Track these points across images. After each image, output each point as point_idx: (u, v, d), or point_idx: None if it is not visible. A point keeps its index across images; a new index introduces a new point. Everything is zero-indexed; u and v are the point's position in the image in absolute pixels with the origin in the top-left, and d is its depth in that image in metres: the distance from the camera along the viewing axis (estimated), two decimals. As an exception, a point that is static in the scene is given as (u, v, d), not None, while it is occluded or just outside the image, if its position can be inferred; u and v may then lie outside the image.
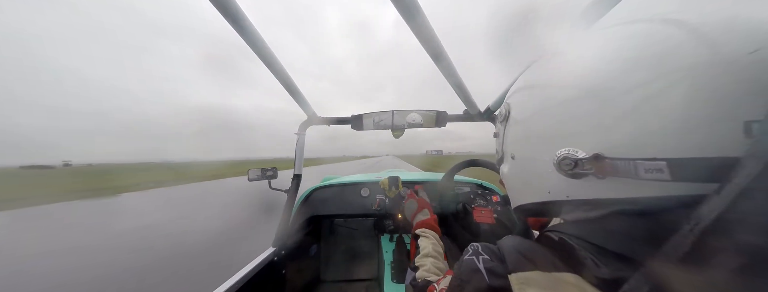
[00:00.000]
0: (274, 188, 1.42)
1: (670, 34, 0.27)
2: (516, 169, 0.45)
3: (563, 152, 0.33)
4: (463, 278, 0.37)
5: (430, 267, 0.74)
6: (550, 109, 0.36)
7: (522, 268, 0.32)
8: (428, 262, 0.76)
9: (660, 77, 0.27)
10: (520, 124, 0.42)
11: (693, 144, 0.25)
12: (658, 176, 0.26)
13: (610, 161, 0.29)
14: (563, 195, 0.35)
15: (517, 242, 0.38)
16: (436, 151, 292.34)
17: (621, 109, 0.29)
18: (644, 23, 0.30)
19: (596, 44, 0.34)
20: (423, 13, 0.69)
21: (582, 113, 0.32)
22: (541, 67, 0.41)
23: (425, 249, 0.82)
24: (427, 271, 0.73)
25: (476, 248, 0.40)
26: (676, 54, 0.26)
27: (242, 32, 0.78)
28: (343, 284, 2.04)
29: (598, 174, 0.30)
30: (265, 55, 0.90)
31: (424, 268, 0.74)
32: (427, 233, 0.91)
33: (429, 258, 0.78)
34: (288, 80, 1.08)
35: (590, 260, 0.29)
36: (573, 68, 0.35)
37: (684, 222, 0.22)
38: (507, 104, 0.46)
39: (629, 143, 0.28)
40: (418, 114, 1.30)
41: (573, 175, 0.32)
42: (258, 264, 1.26)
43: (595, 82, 0.31)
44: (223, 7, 0.69)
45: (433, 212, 1.05)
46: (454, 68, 0.96)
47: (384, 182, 1.46)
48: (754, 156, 0.21)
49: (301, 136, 1.43)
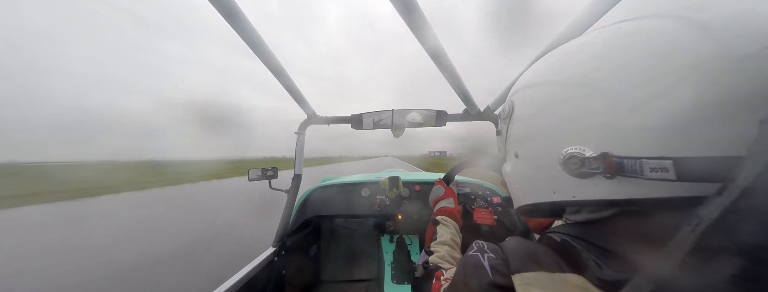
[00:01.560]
0: (274, 188, 1.41)
1: (677, 30, 0.27)
2: (519, 168, 0.44)
3: (570, 150, 0.32)
4: (467, 273, 0.37)
5: (444, 255, 0.75)
6: (555, 106, 0.36)
7: (526, 268, 0.32)
8: (444, 250, 0.77)
9: (667, 74, 0.26)
10: (523, 121, 0.42)
11: (699, 143, 0.25)
12: (664, 175, 0.26)
13: (617, 159, 0.29)
14: (569, 195, 0.35)
15: (520, 243, 0.38)
16: (440, 151, 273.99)
17: (628, 107, 0.28)
18: (651, 19, 0.30)
19: (603, 40, 0.33)
20: (423, 13, 0.69)
21: (588, 111, 0.31)
22: (545, 64, 0.41)
23: (443, 237, 0.82)
24: (441, 258, 0.74)
25: (481, 246, 0.40)
26: (684, 50, 0.26)
27: (242, 32, 0.78)
28: (343, 285, 2.03)
29: (606, 173, 0.30)
30: (264, 55, 0.90)
31: (439, 254, 0.75)
32: (448, 221, 0.91)
33: (445, 246, 0.79)
34: (287, 80, 1.08)
35: (593, 262, 0.29)
36: (579, 65, 0.34)
37: (686, 223, 0.22)
38: (510, 102, 0.45)
39: (636, 141, 0.28)
40: (418, 113, 1.29)
41: (580, 174, 0.32)
42: (258, 264, 1.26)
43: (601, 79, 0.31)
44: (223, 7, 0.68)
45: (458, 203, 1.05)
46: (454, 68, 0.96)
47: (384, 182, 1.45)
48: (756, 156, 0.20)
49: (301, 135, 1.42)
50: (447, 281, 0.49)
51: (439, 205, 1.03)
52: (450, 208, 0.99)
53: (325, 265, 2.11)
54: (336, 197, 1.68)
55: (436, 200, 1.08)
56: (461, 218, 0.99)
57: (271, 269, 1.39)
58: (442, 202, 1.04)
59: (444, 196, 1.07)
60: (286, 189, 1.45)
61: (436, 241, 0.82)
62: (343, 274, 2.09)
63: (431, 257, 0.74)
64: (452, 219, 0.93)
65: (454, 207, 1.01)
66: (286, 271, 1.51)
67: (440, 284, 0.53)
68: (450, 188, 1.13)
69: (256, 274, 1.23)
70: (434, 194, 1.12)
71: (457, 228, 0.91)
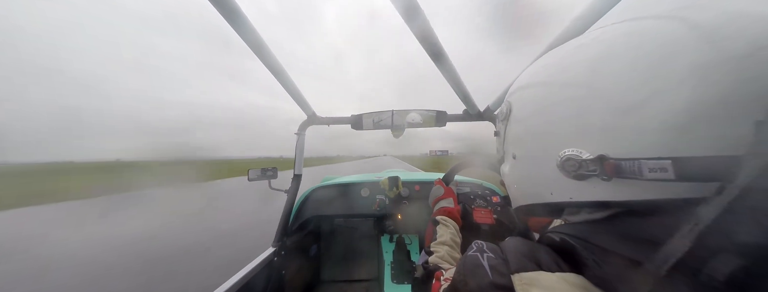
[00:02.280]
0: (274, 188, 1.41)
1: (675, 32, 0.27)
2: (517, 169, 0.44)
3: (567, 152, 0.32)
4: (466, 273, 0.37)
5: (444, 255, 0.75)
6: (552, 107, 0.36)
7: (525, 268, 0.32)
8: (444, 250, 0.77)
9: (664, 75, 0.26)
10: (521, 122, 0.41)
11: (697, 143, 0.25)
12: (662, 175, 0.26)
13: (614, 161, 0.29)
14: (566, 196, 0.35)
15: (520, 243, 0.38)
16: (442, 151, 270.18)
17: (625, 108, 0.28)
18: (649, 20, 0.30)
19: (600, 41, 0.33)
20: (423, 13, 0.69)
21: (585, 112, 0.31)
22: (543, 65, 0.41)
23: (443, 237, 0.82)
24: (441, 258, 0.74)
25: (480, 246, 0.40)
26: (682, 52, 0.26)
27: (242, 32, 0.77)
28: (343, 285, 2.03)
29: (602, 176, 0.30)
30: (264, 55, 0.90)
31: (439, 254, 0.75)
32: (448, 222, 0.91)
33: (445, 246, 0.79)
34: (287, 80, 1.08)
35: (592, 261, 0.29)
36: (576, 66, 0.34)
37: (684, 222, 0.22)
38: (508, 103, 0.45)
39: (634, 143, 0.28)
40: (418, 114, 1.30)
41: (577, 176, 0.32)
42: (258, 264, 1.26)
43: (598, 80, 0.31)
44: (222, 7, 0.68)
45: (457, 202, 1.05)
46: (454, 68, 0.96)
47: (384, 182, 1.46)
48: (755, 156, 0.20)
49: (301, 136, 1.42)
50: (447, 281, 0.49)
51: (439, 205, 1.03)
52: (450, 208, 0.99)
53: (325, 265, 2.11)
54: (336, 197, 1.68)
55: (436, 199, 1.08)
56: (461, 218, 0.99)
57: (271, 269, 1.39)
58: (442, 202, 1.04)
59: (444, 196, 1.07)
60: (285, 189, 1.45)
61: (435, 241, 0.81)
62: (343, 274, 2.09)
63: (431, 257, 0.74)
64: (452, 219, 0.93)
65: (453, 207, 1.01)
66: (285, 271, 1.50)
67: (440, 284, 0.53)
68: (449, 187, 1.13)
69: (255, 274, 1.23)
70: (434, 194, 1.12)
71: (457, 228, 0.91)
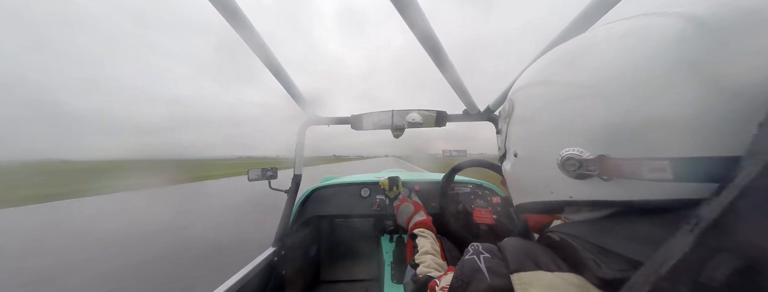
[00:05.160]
0: (274, 188, 1.41)
1: (677, 29, 0.27)
2: (518, 167, 0.44)
3: (567, 152, 0.32)
4: (464, 279, 0.36)
5: (430, 263, 0.76)
6: (554, 106, 0.35)
7: (524, 268, 0.32)
8: (428, 258, 0.78)
9: (665, 74, 0.26)
10: (523, 121, 0.41)
11: (697, 143, 0.24)
12: (661, 175, 0.25)
13: (614, 161, 0.29)
14: (566, 195, 0.35)
15: (519, 242, 0.37)
16: (458, 151, 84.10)
17: (626, 108, 0.28)
18: (651, 17, 0.30)
19: (602, 39, 0.33)
20: (423, 13, 0.69)
21: (587, 111, 0.31)
22: (546, 63, 0.40)
23: (424, 247, 0.85)
24: (428, 267, 0.74)
25: (477, 248, 0.39)
26: (684, 50, 0.26)
27: (242, 32, 0.77)
28: (343, 285, 2.03)
29: (603, 176, 0.30)
30: (263, 54, 0.89)
31: (425, 264, 0.75)
32: (425, 232, 0.94)
33: (428, 255, 0.80)
34: (287, 80, 1.08)
35: (592, 261, 0.29)
36: (578, 64, 0.34)
37: (684, 222, 0.21)
38: (510, 101, 0.45)
39: (634, 143, 0.28)
40: (418, 114, 1.29)
41: (577, 176, 0.32)
42: (258, 264, 1.26)
43: (600, 79, 0.31)
44: (222, 7, 0.68)
45: (427, 214, 1.09)
46: (454, 68, 0.96)
47: (384, 183, 1.45)
48: (755, 156, 0.20)
49: (300, 136, 1.42)
50: (444, 290, 0.49)
51: (413, 220, 1.06)
52: (423, 220, 1.03)
53: (325, 265, 2.11)
54: (336, 197, 1.68)
55: (409, 217, 1.11)
56: (454, 220, 1.06)
57: (271, 269, 1.39)
58: (415, 217, 1.08)
59: (415, 211, 1.11)
60: (285, 189, 1.45)
61: (418, 253, 0.83)
62: (343, 274, 2.09)
63: (418, 269, 0.74)
64: (427, 229, 0.97)
65: (426, 218, 1.05)
66: (285, 271, 1.51)
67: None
68: (416, 201, 1.19)
69: (255, 274, 1.23)
70: (404, 211, 1.15)
71: (434, 236, 0.94)
